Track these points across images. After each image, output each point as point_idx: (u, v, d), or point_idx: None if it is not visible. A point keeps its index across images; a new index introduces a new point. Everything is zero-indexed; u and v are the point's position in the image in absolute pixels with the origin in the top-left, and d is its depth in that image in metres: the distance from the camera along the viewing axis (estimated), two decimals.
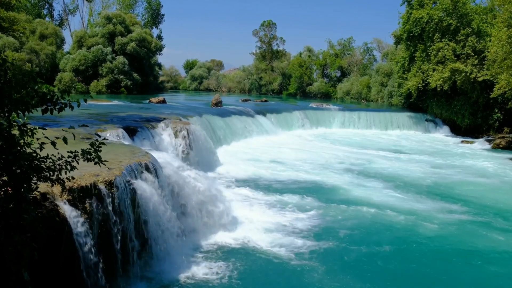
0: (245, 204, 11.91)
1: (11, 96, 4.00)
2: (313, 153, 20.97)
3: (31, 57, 43.59)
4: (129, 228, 7.20)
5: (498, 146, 26.43)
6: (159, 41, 59.01)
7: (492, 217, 11.87)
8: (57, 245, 5.80)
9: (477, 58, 29.48)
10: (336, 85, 63.04)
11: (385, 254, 9.16)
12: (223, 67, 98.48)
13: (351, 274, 8.12)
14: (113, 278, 6.75)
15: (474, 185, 15.88)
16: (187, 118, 18.59)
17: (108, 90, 45.10)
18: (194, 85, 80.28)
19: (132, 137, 13.48)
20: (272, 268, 8.23)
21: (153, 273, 7.64)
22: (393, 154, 22.09)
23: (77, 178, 6.36)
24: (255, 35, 73.54)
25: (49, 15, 62.75)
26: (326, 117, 33.15)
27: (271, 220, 10.77)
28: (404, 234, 10.37)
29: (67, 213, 5.94)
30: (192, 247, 8.84)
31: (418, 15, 31.31)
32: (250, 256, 8.70)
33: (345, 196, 13.49)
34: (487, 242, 10.08)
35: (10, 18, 27.52)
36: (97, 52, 45.61)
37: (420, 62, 32.54)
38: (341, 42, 67.10)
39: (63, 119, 14.08)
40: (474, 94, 30.50)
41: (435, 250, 9.51)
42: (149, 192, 7.80)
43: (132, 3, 65.12)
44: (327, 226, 10.61)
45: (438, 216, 11.70)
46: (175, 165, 9.98)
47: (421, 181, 15.99)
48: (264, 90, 70.63)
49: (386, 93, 47.13)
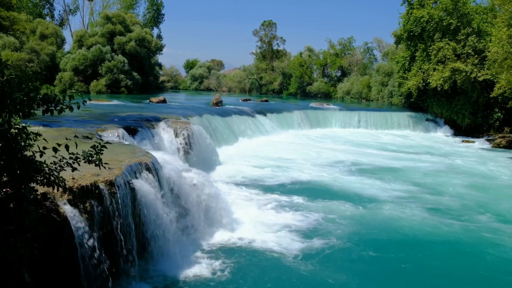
0: (245, 204, 11.91)
1: (12, 98, 4.01)
2: (314, 153, 20.98)
3: (32, 57, 43.54)
4: (129, 228, 7.20)
5: (499, 146, 26.43)
6: (160, 40, 59.00)
7: (493, 217, 11.86)
8: (57, 245, 5.81)
9: (478, 58, 29.47)
10: (337, 84, 63.02)
11: (386, 254, 9.17)
12: (224, 67, 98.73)
13: (353, 274, 8.11)
14: (114, 278, 6.75)
15: (474, 185, 15.87)
16: (187, 117, 18.58)
17: (108, 90, 45.05)
18: (194, 85, 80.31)
19: (133, 136, 13.48)
20: (272, 268, 8.23)
21: (153, 273, 7.64)
22: (393, 154, 22.09)
23: (78, 178, 6.37)
24: (255, 35, 73.70)
25: (49, 15, 62.80)
26: (326, 117, 33.15)
27: (272, 219, 10.77)
28: (407, 234, 10.36)
29: (68, 213, 5.95)
30: (192, 247, 8.84)
31: (419, 15, 31.30)
32: (251, 256, 8.70)
33: (345, 195, 13.48)
34: (488, 241, 10.07)
35: (11, 17, 27.55)
36: (96, 51, 45.52)
37: (421, 62, 32.53)
38: (341, 42, 67.09)
39: (64, 118, 14.10)
40: (474, 93, 30.49)
41: (435, 250, 9.51)
42: (150, 191, 7.81)
43: (133, 3, 65.10)
44: (328, 225, 10.61)
45: (439, 216, 11.71)
46: (175, 164, 9.98)
47: (421, 181, 15.97)
48: (265, 90, 70.65)
49: (386, 92, 47.14)
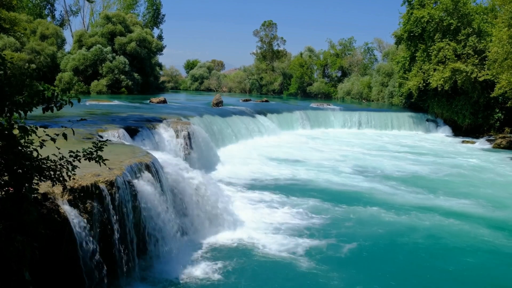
0: (245, 204, 11.91)
1: (11, 95, 4.00)
2: (314, 153, 20.98)
3: (32, 57, 43.58)
4: (129, 228, 7.20)
5: (499, 146, 26.39)
6: (160, 41, 59.04)
7: (493, 217, 11.86)
8: (58, 245, 5.81)
9: (478, 58, 29.45)
10: (337, 85, 63.05)
11: (388, 253, 9.17)
12: (224, 67, 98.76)
13: (354, 274, 8.10)
14: (114, 278, 6.75)
15: (474, 185, 15.86)
16: (187, 118, 18.59)
17: (108, 90, 45.07)
18: (194, 85, 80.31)
19: (133, 137, 13.48)
20: (272, 268, 8.22)
21: (153, 273, 7.64)
22: (393, 154, 22.08)
23: (78, 178, 6.37)
24: (255, 35, 73.77)
25: (50, 15, 62.82)
26: (327, 117, 33.15)
27: (272, 220, 10.77)
28: (411, 234, 10.32)
29: (68, 213, 5.95)
30: (192, 247, 8.84)
31: (419, 15, 31.30)
32: (251, 256, 8.69)
33: (345, 195, 13.48)
34: (490, 241, 10.06)
35: (11, 18, 27.55)
36: (97, 51, 45.54)
37: (421, 62, 32.52)
38: (342, 42, 67.16)
39: (64, 119, 14.10)
40: (475, 94, 30.47)
41: (434, 250, 9.50)
42: (150, 192, 7.81)
43: (132, 3, 65.13)
44: (328, 225, 10.60)
45: (441, 216, 11.69)
46: (176, 165, 9.97)
47: (421, 181, 15.97)
48: (265, 90, 70.66)
49: (387, 93, 47.14)
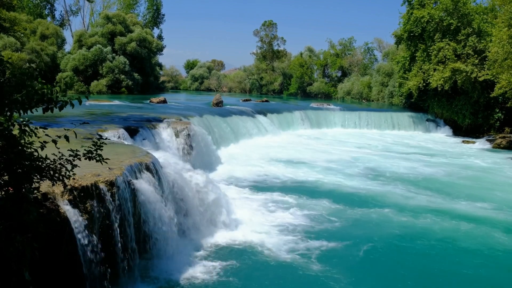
0: (246, 204, 11.91)
1: (12, 96, 4.01)
2: (315, 153, 20.98)
3: (32, 57, 43.57)
4: (130, 228, 7.20)
5: (499, 146, 26.39)
6: (160, 41, 59.01)
7: (508, 221, 11.78)
8: (58, 245, 5.81)
9: (478, 58, 29.46)
10: (337, 85, 63.06)
11: (389, 253, 9.16)
12: (224, 67, 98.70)
13: (354, 275, 8.09)
14: (114, 278, 6.75)
15: (475, 185, 15.86)
16: (187, 118, 18.59)
17: (108, 90, 45.08)
18: (195, 85, 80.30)
19: (133, 137, 13.49)
20: (272, 268, 8.22)
21: (154, 273, 7.64)
22: (393, 154, 22.08)
23: (78, 178, 6.36)
24: (255, 35, 73.84)
25: (50, 15, 62.80)
26: (327, 117, 33.16)
27: (272, 220, 10.76)
28: (424, 237, 10.24)
29: (68, 213, 5.95)
30: (193, 247, 8.84)
31: (419, 15, 31.31)
32: (251, 256, 8.69)
33: (345, 195, 13.48)
34: (506, 245, 9.97)
35: (11, 18, 27.54)
36: (97, 51, 45.54)
37: (421, 62, 32.53)
38: (342, 42, 67.19)
39: (64, 119, 14.10)
40: (475, 94, 30.48)
41: (449, 253, 9.46)
42: (150, 192, 7.81)
43: (133, 3, 65.11)
44: (328, 225, 10.60)
45: (455, 220, 11.59)
46: (175, 165, 9.97)
47: (421, 181, 15.96)
48: (265, 90, 70.67)
49: (387, 93, 47.15)
